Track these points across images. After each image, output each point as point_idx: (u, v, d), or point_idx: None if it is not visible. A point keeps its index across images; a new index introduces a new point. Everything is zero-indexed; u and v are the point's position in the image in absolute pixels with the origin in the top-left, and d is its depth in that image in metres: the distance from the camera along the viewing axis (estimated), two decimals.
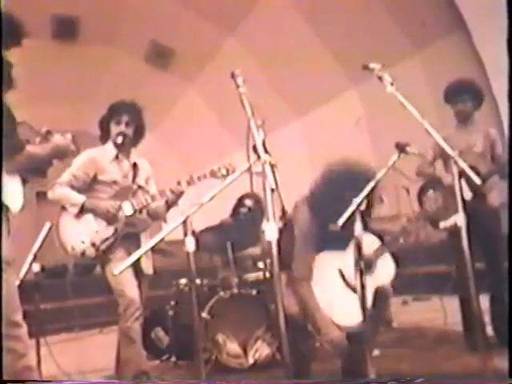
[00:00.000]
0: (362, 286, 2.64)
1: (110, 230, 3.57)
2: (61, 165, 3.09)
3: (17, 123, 2.48)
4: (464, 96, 4.06)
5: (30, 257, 3.52)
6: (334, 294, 3.04)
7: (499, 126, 7.19)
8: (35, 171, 2.63)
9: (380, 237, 3.19)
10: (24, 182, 2.56)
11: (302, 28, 8.39)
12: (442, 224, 3.80)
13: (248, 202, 4.93)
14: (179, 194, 3.66)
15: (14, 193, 2.49)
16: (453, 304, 4.09)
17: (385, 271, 3.14)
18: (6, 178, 2.40)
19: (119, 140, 3.64)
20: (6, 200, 2.41)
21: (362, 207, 2.75)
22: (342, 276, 3.11)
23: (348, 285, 3.09)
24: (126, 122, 3.63)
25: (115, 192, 3.64)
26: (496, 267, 3.92)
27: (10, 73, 2.54)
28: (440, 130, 2.72)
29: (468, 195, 3.79)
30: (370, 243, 3.15)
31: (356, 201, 2.60)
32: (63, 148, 2.72)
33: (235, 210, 5.08)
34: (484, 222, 3.79)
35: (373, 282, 2.99)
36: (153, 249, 3.63)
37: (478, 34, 7.73)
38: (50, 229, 3.59)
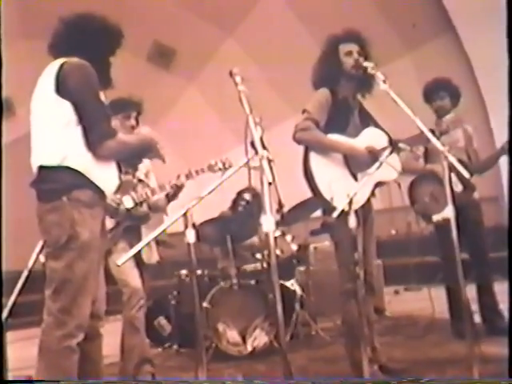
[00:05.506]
0: None
1: (112, 223, 3.58)
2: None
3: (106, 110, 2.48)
4: (442, 93, 4.14)
5: (38, 247, 3.63)
6: (335, 176, 3.07)
7: (481, 122, 7.39)
8: (127, 161, 2.60)
9: (389, 136, 3.20)
10: (119, 167, 2.56)
11: (298, 29, 8.53)
12: (435, 217, 3.85)
13: (247, 196, 5.03)
14: (179, 188, 3.70)
15: (108, 176, 2.51)
16: (442, 294, 4.18)
17: (390, 169, 3.11)
18: (98, 163, 2.43)
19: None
20: (100, 184, 2.44)
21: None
22: (347, 162, 3.15)
23: (351, 172, 3.14)
24: (134, 117, 3.64)
25: (116, 185, 3.73)
26: (481, 258, 4.06)
27: (108, 72, 2.60)
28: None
29: (458, 187, 3.90)
30: (379, 137, 3.19)
31: (349, 194, 2.62)
32: (150, 141, 2.66)
33: (235, 203, 5.20)
34: (469, 214, 3.89)
35: (376, 175, 2.95)
36: (156, 240, 3.77)
37: (466, 36, 7.91)
38: None
